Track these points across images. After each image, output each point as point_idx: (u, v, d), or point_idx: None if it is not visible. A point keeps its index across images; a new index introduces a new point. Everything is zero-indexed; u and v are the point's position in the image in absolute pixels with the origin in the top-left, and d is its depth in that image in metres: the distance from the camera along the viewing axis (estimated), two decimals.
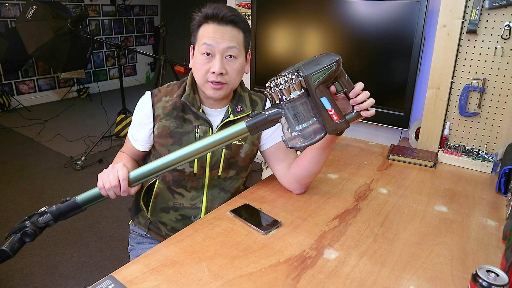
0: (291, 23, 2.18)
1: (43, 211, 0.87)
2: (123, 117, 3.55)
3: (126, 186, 0.90)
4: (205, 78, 1.04)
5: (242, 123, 0.85)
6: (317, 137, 0.85)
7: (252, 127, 0.85)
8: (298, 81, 0.82)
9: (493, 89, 1.44)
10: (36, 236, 0.85)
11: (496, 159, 1.39)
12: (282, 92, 0.82)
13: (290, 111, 0.83)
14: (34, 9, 3.33)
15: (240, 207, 1.06)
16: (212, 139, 0.86)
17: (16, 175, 2.96)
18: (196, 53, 1.04)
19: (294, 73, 0.83)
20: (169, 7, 6.23)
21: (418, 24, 1.71)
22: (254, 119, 0.85)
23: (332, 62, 0.83)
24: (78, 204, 0.89)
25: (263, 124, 0.85)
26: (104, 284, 0.74)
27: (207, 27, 1.02)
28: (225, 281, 0.77)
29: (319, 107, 0.84)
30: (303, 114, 0.84)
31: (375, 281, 0.78)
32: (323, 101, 0.84)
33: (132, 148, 1.16)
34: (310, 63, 0.84)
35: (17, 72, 4.77)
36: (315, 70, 0.82)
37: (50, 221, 0.87)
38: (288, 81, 0.82)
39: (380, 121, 1.99)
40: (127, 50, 5.86)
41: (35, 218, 0.86)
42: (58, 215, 0.88)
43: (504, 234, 0.94)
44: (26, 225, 0.84)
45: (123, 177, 0.89)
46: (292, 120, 0.84)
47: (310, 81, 0.82)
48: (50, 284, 1.83)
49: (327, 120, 0.84)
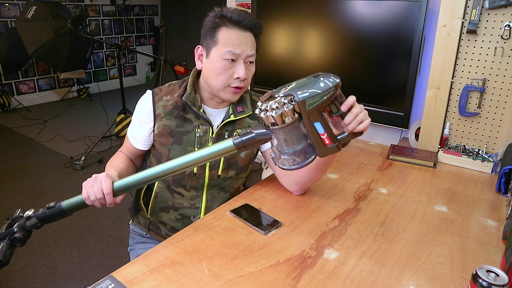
0: (291, 23, 2.18)
1: (29, 215, 0.86)
2: (123, 117, 3.55)
3: (111, 199, 0.89)
4: (227, 83, 1.03)
5: (230, 140, 0.82)
6: (306, 161, 0.81)
7: (239, 145, 0.82)
8: (291, 107, 0.76)
9: (493, 89, 1.44)
10: (27, 240, 0.84)
11: (496, 159, 1.39)
12: (273, 118, 0.76)
13: (281, 135, 0.79)
14: (34, 9, 3.34)
15: (240, 207, 1.06)
16: (198, 155, 0.84)
17: (16, 175, 2.96)
18: (216, 57, 1.02)
19: (287, 97, 0.76)
20: (169, 7, 6.23)
21: (418, 24, 1.71)
22: (242, 138, 0.82)
23: (330, 87, 0.77)
24: (63, 210, 0.88)
25: (251, 143, 0.82)
26: (104, 284, 0.74)
27: (228, 31, 1.00)
28: (225, 281, 0.77)
29: (311, 131, 0.79)
30: (294, 138, 0.79)
31: (375, 281, 0.78)
32: (316, 125, 0.79)
33: (131, 147, 1.16)
34: (306, 85, 0.78)
35: (17, 72, 4.77)
36: (310, 95, 0.76)
37: (37, 224, 0.86)
38: (280, 106, 0.75)
39: (380, 121, 1.99)
40: (127, 50, 5.86)
41: (21, 222, 0.85)
42: (44, 219, 0.87)
43: (504, 234, 0.94)
44: (14, 230, 0.83)
45: (107, 190, 0.88)
46: (283, 144, 0.80)
47: (304, 107, 0.76)
48: (50, 284, 1.83)
49: (319, 143, 0.80)
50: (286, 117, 0.76)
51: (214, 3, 1.06)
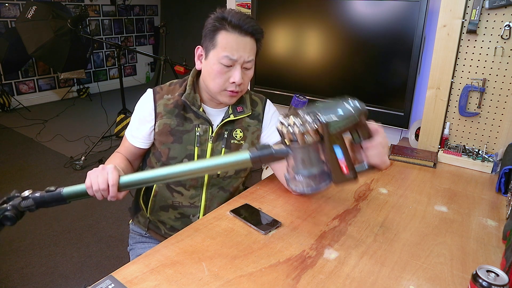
0: (291, 23, 2.18)
1: (26, 195, 0.82)
2: (123, 117, 3.56)
3: (115, 192, 0.86)
4: (224, 86, 1.03)
5: (247, 153, 0.81)
6: (320, 186, 0.81)
7: (256, 159, 0.80)
8: (315, 128, 0.76)
9: (493, 89, 1.44)
10: (17, 221, 0.80)
11: (496, 159, 1.39)
12: (295, 135, 0.76)
13: (299, 154, 0.78)
14: (34, 9, 3.34)
15: (240, 207, 1.06)
16: (212, 163, 0.84)
17: (16, 175, 2.96)
18: (213, 60, 1.01)
19: (312, 116, 0.76)
20: (169, 7, 6.23)
21: (418, 24, 1.71)
22: (260, 152, 0.80)
23: (357, 114, 0.78)
24: (62, 196, 0.84)
25: (268, 159, 0.81)
26: (104, 284, 0.74)
27: (227, 35, 0.99)
28: (225, 281, 0.77)
29: (330, 155, 0.78)
30: (312, 160, 0.79)
31: (375, 281, 0.78)
32: (336, 150, 0.78)
33: (129, 147, 1.15)
34: (332, 109, 0.78)
35: (17, 72, 4.77)
36: (336, 118, 0.76)
37: (31, 206, 0.82)
38: (304, 124, 0.75)
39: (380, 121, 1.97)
40: (127, 50, 5.86)
41: (16, 201, 0.81)
42: (41, 202, 0.83)
43: (504, 234, 0.94)
44: (7, 208, 0.79)
45: (113, 182, 0.85)
46: (299, 164, 0.79)
47: (327, 129, 0.76)
48: (50, 284, 1.83)
49: (336, 170, 0.80)
50: (308, 136, 0.76)
51: (214, 3, 1.06)
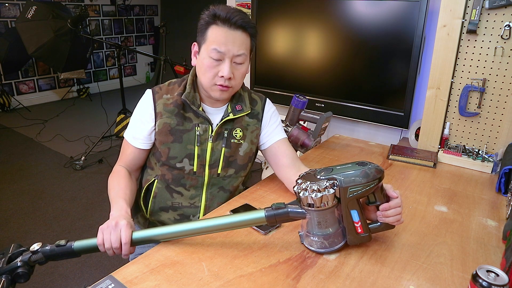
0: (291, 23, 2.18)
1: (36, 250, 0.80)
2: (123, 117, 3.55)
3: (127, 250, 0.84)
4: (213, 81, 1.03)
5: (262, 212, 0.81)
6: (335, 246, 0.82)
7: (271, 218, 0.81)
8: (333, 193, 0.76)
9: (493, 89, 1.44)
10: (30, 276, 0.78)
11: (496, 159, 1.39)
12: (313, 199, 0.76)
13: (315, 217, 0.79)
14: (34, 9, 3.33)
15: (240, 207, 1.06)
16: (228, 220, 0.84)
17: (16, 175, 2.96)
18: (204, 55, 1.03)
19: (330, 180, 0.76)
20: (169, 7, 6.23)
21: (418, 24, 1.71)
22: (275, 212, 0.80)
23: (374, 179, 0.78)
24: (74, 251, 0.83)
25: (283, 219, 0.81)
26: (104, 284, 0.74)
27: (217, 29, 1.00)
28: (225, 281, 0.77)
29: (347, 218, 0.79)
30: (327, 222, 0.79)
31: (375, 281, 0.78)
32: (353, 213, 0.79)
33: (131, 152, 1.13)
34: (351, 173, 0.78)
35: (17, 72, 4.77)
36: (354, 183, 0.76)
37: (41, 259, 0.80)
38: (321, 190, 0.75)
39: (380, 121, 1.99)
40: (127, 50, 5.86)
41: (26, 256, 0.79)
42: (51, 256, 0.81)
43: (504, 234, 0.94)
44: (18, 265, 0.77)
45: (126, 240, 0.83)
46: (315, 226, 0.80)
47: (345, 194, 0.77)
48: (50, 284, 1.83)
49: (351, 231, 0.81)
50: (326, 201, 0.76)
51: (213, 3, 1.06)
